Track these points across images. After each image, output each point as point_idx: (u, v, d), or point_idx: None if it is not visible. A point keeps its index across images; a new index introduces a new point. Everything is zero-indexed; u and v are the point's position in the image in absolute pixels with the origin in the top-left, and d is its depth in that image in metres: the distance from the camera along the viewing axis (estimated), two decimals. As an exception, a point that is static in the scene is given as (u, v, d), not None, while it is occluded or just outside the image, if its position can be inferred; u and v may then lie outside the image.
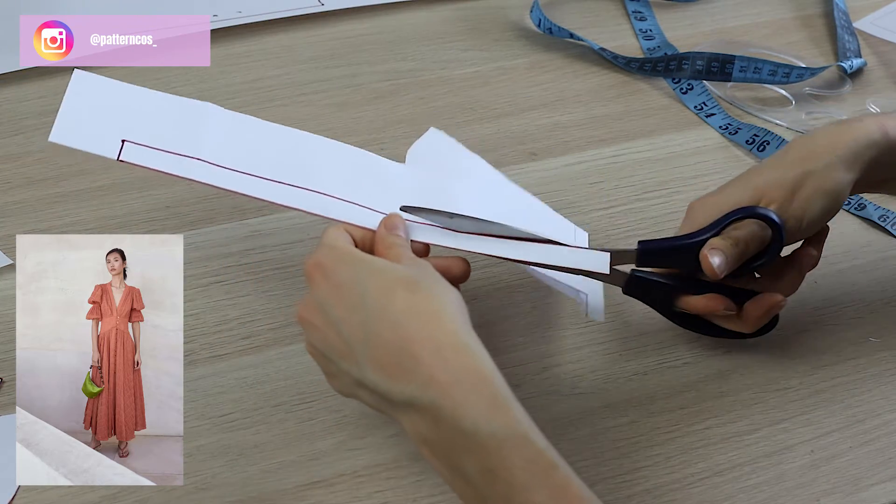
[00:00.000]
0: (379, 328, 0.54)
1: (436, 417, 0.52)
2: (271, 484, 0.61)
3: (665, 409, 0.66)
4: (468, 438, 0.51)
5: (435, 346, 0.53)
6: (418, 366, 0.53)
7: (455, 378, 0.52)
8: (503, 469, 0.51)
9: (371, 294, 0.55)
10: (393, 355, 0.54)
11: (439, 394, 0.52)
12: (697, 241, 0.64)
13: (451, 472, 0.53)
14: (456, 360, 0.53)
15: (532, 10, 1.02)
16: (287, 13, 1.00)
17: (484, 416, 0.52)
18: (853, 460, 0.64)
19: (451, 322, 0.54)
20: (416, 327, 0.54)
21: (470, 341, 0.54)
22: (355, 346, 0.55)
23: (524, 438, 0.52)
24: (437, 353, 0.53)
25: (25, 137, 0.85)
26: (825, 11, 1.07)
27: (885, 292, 0.75)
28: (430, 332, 0.54)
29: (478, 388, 0.52)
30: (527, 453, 0.51)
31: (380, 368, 0.54)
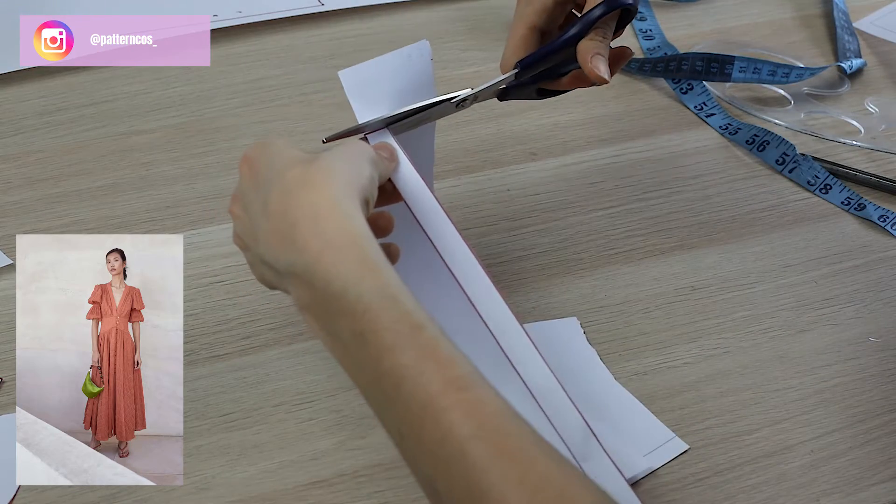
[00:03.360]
0: (271, 201, 0.55)
1: (310, 282, 0.53)
2: (271, 484, 0.61)
3: (665, 409, 0.66)
4: (339, 301, 0.52)
5: (312, 212, 0.53)
6: (295, 232, 0.53)
7: (326, 242, 0.53)
8: (371, 331, 0.51)
9: (272, 171, 0.56)
10: (278, 225, 0.54)
11: (312, 258, 0.52)
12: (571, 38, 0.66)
13: (328, 336, 0.54)
14: (329, 224, 0.53)
15: (532, 10, 1.02)
16: (287, 13, 0.99)
17: (353, 278, 0.52)
18: (853, 460, 0.64)
19: (332, 188, 0.54)
20: (300, 196, 0.54)
21: (346, 205, 0.54)
22: (256, 223, 0.56)
23: (392, 300, 0.51)
24: (313, 219, 0.53)
25: (25, 137, 0.85)
26: (825, 11, 1.07)
27: (885, 292, 0.75)
28: (310, 199, 0.54)
29: (348, 250, 0.53)
30: (393, 315, 0.51)
31: (269, 241, 0.55)
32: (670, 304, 0.73)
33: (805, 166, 0.85)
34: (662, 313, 0.73)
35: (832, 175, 0.84)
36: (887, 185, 0.84)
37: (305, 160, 0.56)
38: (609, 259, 0.77)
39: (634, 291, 0.74)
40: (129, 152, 0.84)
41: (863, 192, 0.84)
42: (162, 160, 0.83)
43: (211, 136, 0.86)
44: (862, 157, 0.88)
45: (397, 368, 0.50)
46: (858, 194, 0.83)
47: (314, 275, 0.52)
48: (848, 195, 0.83)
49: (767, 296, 0.75)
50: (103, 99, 0.90)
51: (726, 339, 0.71)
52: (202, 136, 0.86)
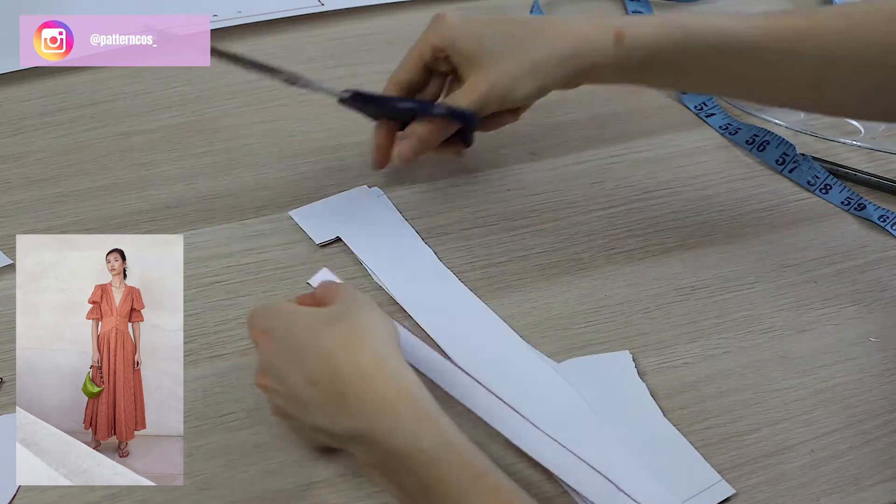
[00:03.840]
0: (312, 369, 0.56)
1: (372, 444, 0.55)
2: (271, 484, 0.61)
3: (665, 409, 0.66)
4: (402, 458, 0.54)
5: (359, 374, 0.55)
6: (348, 398, 0.55)
7: (382, 403, 0.55)
8: (437, 482, 0.53)
9: (301, 339, 0.57)
10: (327, 393, 0.56)
11: (371, 421, 0.55)
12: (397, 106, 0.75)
13: (396, 488, 0.56)
14: (379, 384, 0.55)
15: (532, 11, 1.02)
16: (287, 13, 1.00)
17: (412, 435, 0.54)
18: (853, 460, 0.64)
19: (372, 348, 0.56)
20: (343, 359, 0.56)
21: (391, 361, 0.56)
22: (301, 394, 0.57)
23: (451, 450, 0.54)
24: (362, 382, 0.55)
25: (25, 137, 0.85)
26: (825, 11, 1.07)
27: (885, 292, 0.75)
28: (353, 361, 0.56)
29: (404, 408, 0.55)
30: (455, 464, 0.53)
31: (321, 409, 0.56)
32: (670, 304, 0.73)
33: (805, 166, 0.85)
34: (662, 313, 0.73)
35: (832, 175, 0.84)
36: (887, 185, 0.84)
37: (329, 320, 0.58)
38: (609, 259, 0.77)
39: (634, 291, 0.74)
40: (129, 152, 0.84)
41: (863, 192, 0.84)
42: (162, 160, 0.83)
43: (211, 136, 0.86)
44: (862, 157, 0.88)
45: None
46: (858, 194, 0.83)
47: (374, 436, 0.54)
48: (848, 195, 0.83)
49: (767, 296, 0.75)
50: (103, 99, 0.90)
51: (726, 339, 0.71)
52: (202, 136, 0.86)
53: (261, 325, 0.60)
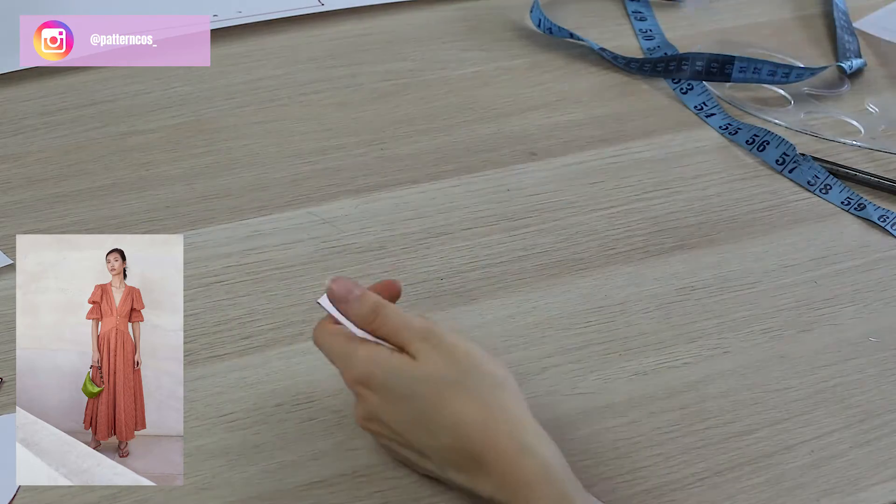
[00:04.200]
0: (444, 439, 0.56)
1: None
2: (271, 484, 0.61)
3: (665, 409, 0.66)
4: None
5: (496, 452, 0.54)
6: (488, 470, 0.54)
7: (519, 483, 0.54)
8: None
9: (422, 409, 0.56)
10: (465, 460, 0.55)
11: (511, 495, 0.54)
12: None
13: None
14: (518, 464, 0.54)
15: (532, 10, 1.02)
16: (287, 13, 0.99)
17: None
18: (853, 460, 0.64)
19: (506, 420, 0.55)
20: (475, 437, 0.55)
21: (528, 436, 0.55)
22: (427, 451, 0.57)
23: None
24: (499, 460, 0.54)
25: (25, 137, 0.85)
26: (825, 11, 1.07)
27: (885, 292, 0.75)
28: (488, 438, 0.55)
29: (544, 487, 0.54)
30: None
31: (458, 471, 0.56)
32: (670, 304, 0.73)
33: (805, 166, 0.85)
34: (662, 313, 0.73)
35: (832, 175, 0.84)
36: (887, 185, 0.84)
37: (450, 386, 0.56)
38: (609, 259, 0.77)
39: (634, 291, 0.74)
40: (129, 152, 0.84)
41: (863, 192, 0.84)
42: (162, 160, 0.83)
43: (211, 136, 0.86)
44: (862, 157, 0.88)
45: None
46: (858, 194, 0.83)
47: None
48: (848, 195, 0.83)
49: (767, 296, 0.75)
50: (103, 99, 0.90)
51: (726, 339, 0.71)
52: (202, 136, 0.86)
53: (357, 376, 0.58)
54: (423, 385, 0.56)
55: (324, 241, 0.77)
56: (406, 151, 0.84)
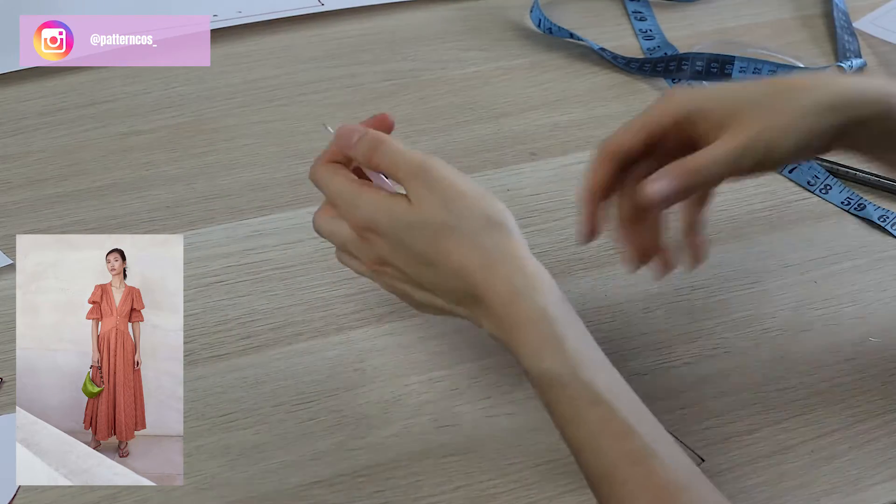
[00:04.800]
0: (450, 281, 0.58)
1: (509, 349, 0.58)
2: (271, 484, 0.61)
3: (665, 409, 0.66)
4: (528, 375, 0.57)
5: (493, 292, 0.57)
6: (488, 310, 0.57)
7: (515, 321, 0.56)
8: (554, 403, 0.56)
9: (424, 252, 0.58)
10: (469, 299, 0.58)
11: (507, 336, 0.57)
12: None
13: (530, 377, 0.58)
14: (512, 304, 0.57)
15: (532, 10, 1.02)
16: (287, 13, 0.99)
17: (538, 356, 0.56)
18: (853, 460, 0.64)
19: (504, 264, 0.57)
20: (476, 276, 0.57)
21: (523, 282, 0.57)
22: (437, 290, 0.59)
23: (572, 374, 0.55)
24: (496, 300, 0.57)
25: (25, 137, 0.85)
26: (825, 11, 1.07)
27: (885, 292, 0.75)
28: (486, 279, 0.57)
29: (529, 332, 0.56)
30: (572, 390, 0.55)
31: (465, 307, 0.59)
32: (670, 304, 0.73)
33: (805, 166, 0.85)
34: (662, 313, 0.73)
35: (832, 175, 0.84)
36: (887, 185, 0.84)
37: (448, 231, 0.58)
38: (609, 259, 0.77)
39: (634, 291, 0.74)
40: (129, 152, 0.84)
41: (863, 192, 0.84)
42: (162, 160, 0.83)
43: (211, 136, 0.86)
44: (862, 157, 0.88)
45: (575, 440, 0.55)
46: (858, 194, 0.83)
47: (509, 346, 0.57)
48: (848, 195, 0.83)
49: (767, 296, 0.75)
50: (103, 99, 0.90)
51: (726, 339, 0.71)
52: (202, 136, 0.86)
53: (364, 220, 0.59)
54: (421, 231, 0.58)
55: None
56: (406, 151, 0.83)
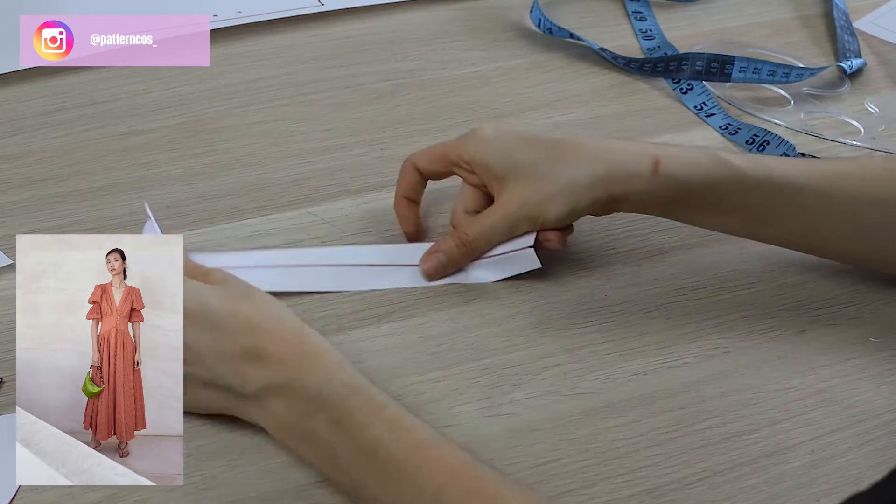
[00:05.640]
0: (230, 336, 0.61)
1: (290, 392, 0.60)
2: (271, 484, 0.61)
3: (665, 409, 0.66)
4: (317, 400, 0.59)
5: (280, 337, 0.61)
6: (270, 356, 0.60)
7: (301, 357, 0.61)
8: (347, 416, 0.59)
9: (217, 312, 0.62)
10: (246, 355, 0.61)
11: (291, 372, 0.60)
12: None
13: (304, 441, 0.60)
14: (299, 344, 0.62)
15: (532, 10, 1.02)
16: (287, 13, 1.00)
17: (327, 379, 0.60)
18: (853, 460, 0.64)
19: (290, 317, 0.63)
20: (266, 327, 0.62)
21: (306, 328, 0.63)
22: (206, 355, 0.61)
23: (357, 389, 0.60)
24: (283, 343, 0.61)
25: (25, 137, 0.85)
26: (825, 11, 1.07)
27: (885, 292, 0.75)
28: (274, 328, 0.62)
29: (319, 360, 0.61)
30: (362, 399, 0.59)
31: (233, 368, 0.61)
32: (670, 304, 0.73)
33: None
34: (662, 313, 0.73)
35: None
36: (887, 185, 0.84)
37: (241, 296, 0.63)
38: (609, 259, 0.77)
39: (634, 291, 0.74)
40: (129, 152, 0.84)
41: (863, 192, 0.84)
42: (162, 160, 0.83)
43: (211, 136, 0.86)
44: (862, 157, 0.88)
45: (372, 441, 0.58)
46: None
47: (293, 383, 0.60)
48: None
49: (767, 296, 0.75)
50: (103, 99, 0.90)
51: (726, 339, 0.71)
52: (202, 136, 0.86)
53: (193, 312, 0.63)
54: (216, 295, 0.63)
55: (324, 241, 0.77)
56: (406, 151, 0.83)
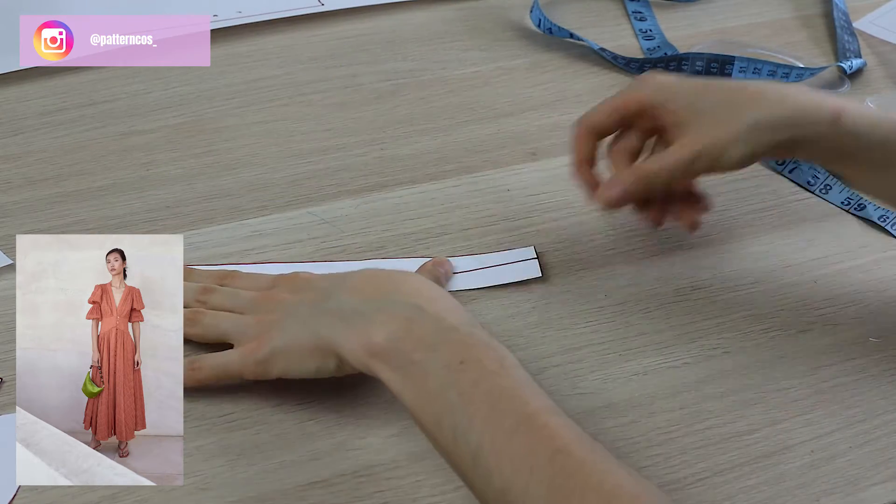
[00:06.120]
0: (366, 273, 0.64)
1: (414, 317, 0.60)
2: (271, 484, 0.61)
3: (665, 409, 0.66)
4: (448, 332, 0.59)
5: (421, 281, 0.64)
6: (403, 287, 0.62)
7: (439, 297, 0.62)
8: (475, 360, 0.58)
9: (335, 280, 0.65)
10: (375, 283, 0.62)
11: (424, 302, 0.60)
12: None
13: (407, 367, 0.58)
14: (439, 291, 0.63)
15: (532, 10, 1.02)
16: (287, 13, 1.00)
17: (465, 321, 0.60)
18: (853, 460, 0.64)
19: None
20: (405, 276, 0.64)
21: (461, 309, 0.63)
22: (332, 288, 0.63)
23: (493, 346, 0.59)
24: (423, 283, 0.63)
25: (25, 137, 0.85)
26: (825, 11, 1.07)
27: (885, 292, 0.75)
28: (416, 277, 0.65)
29: (459, 307, 0.62)
30: (496, 354, 0.59)
31: (357, 292, 0.62)
32: (670, 304, 0.73)
33: (805, 166, 0.85)
34: (662, 313, 0.73)
35: (832, 175, 0.84)
36: (887, 185, 0.84)
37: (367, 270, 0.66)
38: (609, 259, 0.77)
39: (634, 291, 0.74)
40: (129, 152, 0.84)
41: (863, 192, 0.84)
42: (162, 160, 0.84)
43: (211, 136, 0.86)
44: (862, 157, 0.88)
45: (497, 389, 0.57)
46: (858, 194, 0.83)
47: (423, 310, 0.60)
48: (848, 195, 0.83)
49: (767, 296, 0.75)
50: (103, 99, 0.90)
51: (726, 339, 0.71)
52: (202, 136, 0.86)
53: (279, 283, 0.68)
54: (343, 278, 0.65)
55: (324, 241, 0.77)
56: (406, 151, 0.84)
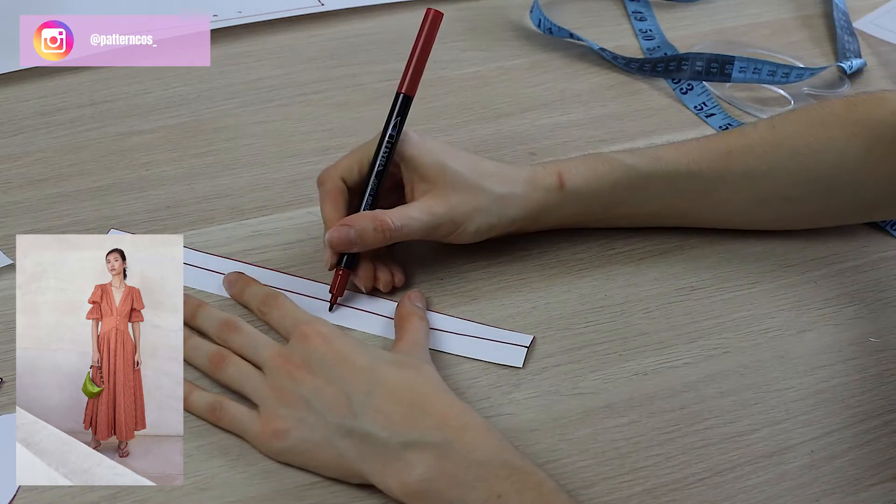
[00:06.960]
0: (389, 386, 0.60)
1: (444, 453, 0.58)
2: (271, 484, 0.61)
3: (665, 409, 0.66)
4: (480, 468, 0.57)
5: (446, 402, 0.60)
6: (430, 415, 0.59)
7: (466, 425, 0.59)
8: (514, 492, 0.56)
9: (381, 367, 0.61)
10: (401, 407, 0.59)
11: (452, 433, 0.58)
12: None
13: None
14: (465, 414, 0.60)
15: (532, 10, 1.02)
16: (287, 13, 1.00)
17: (495, 450, 0.58)
18: (853, 460, 0.64)
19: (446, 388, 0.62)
20: (428, 391, 0.61)
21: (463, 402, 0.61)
22: (355, 398, 0.60)
23: (527, 471, 0.58)
24: (449, 407, 0.60)
25: (25, 137, 0.85)
26: (825, 11, 1.07)
27: (885, 292, 0.75)
28: (440, 396, 0.61)
29: (487, 432, 0.59)
30: (533, 480, 0.57)
31: (382, 417, 0.59)
32: (670, 304, 0.73)
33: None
34: (662, 313, 0.73)
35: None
36: (887, 185, 0.84)
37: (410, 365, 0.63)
38: (609, 259, 0.77)
39: (634, 291, 0.74)
40: (129, 152, 0.84)
41: (863, 192, 0.84)
42: (162, 160, 0.84)
43: (211, 136, 0.86)
44: (862, 157, 0.88)
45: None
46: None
47: (453, 445, 0.58)
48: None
49: (767, 296, 0.75)
50: (103, 99, 0.90)
51: (726, 339, 0.71)
52: (202, 136, 0.86)
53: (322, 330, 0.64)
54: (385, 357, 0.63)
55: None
56: (406, 151, 0.83)
